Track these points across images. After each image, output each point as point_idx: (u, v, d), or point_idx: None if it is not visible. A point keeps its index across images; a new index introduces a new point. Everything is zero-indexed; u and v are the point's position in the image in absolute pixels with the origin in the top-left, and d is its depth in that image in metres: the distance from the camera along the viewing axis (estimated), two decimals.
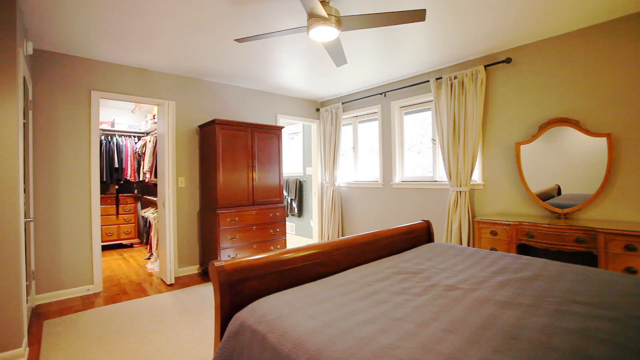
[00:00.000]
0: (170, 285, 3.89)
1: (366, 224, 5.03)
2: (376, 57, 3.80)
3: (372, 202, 4.94)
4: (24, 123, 2.74)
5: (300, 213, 6.27)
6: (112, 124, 6.02)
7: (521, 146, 3.33)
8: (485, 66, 3.57)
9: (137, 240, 6.11)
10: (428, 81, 4.14)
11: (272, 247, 4.37)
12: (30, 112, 3.29)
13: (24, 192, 2.71)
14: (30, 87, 3.28)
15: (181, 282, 3.99)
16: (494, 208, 3.60)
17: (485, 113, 3.66)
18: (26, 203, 2.81)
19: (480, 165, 3.73)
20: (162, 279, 4.08)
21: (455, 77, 3.80)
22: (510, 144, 3.48)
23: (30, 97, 3.28)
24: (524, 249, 3.20)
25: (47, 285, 3.43)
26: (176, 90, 4.26)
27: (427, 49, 3.54)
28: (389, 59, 3.84)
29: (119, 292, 3.70)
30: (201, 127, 4.32)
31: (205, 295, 3.49)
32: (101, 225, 5.73)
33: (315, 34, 2.37)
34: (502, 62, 3.43)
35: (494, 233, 3.11)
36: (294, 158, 6.55)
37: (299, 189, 6.25)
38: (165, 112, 3.84)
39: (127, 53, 3.56)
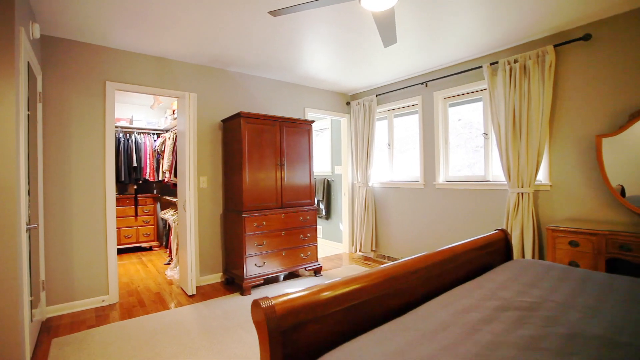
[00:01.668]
0: (192, 296, 3.51)
1: (405, 228, 4.54)
2: (417, 42, 3.32)
3: (412, 204, 4.45)
4: (27, 115, 2.39)
5: (328, 215, 5.83)
6: (131, 121, 5.73)
7: (603, 139, 2.79)
8: (555, 46, 3.03)
9: (156, 243, 5.81)
10: (480, 67, 3.62)
11: (302, 254, 3.95)
12: (40, 105, 2.97)
13: (28, 194, 2.37)
14: (39, 77, 2.96)
15: (203, 292, 3.61)
16: (565, 212, 3.06)
17: (554, 101, 3.12)
18: (31, 207, 2.47)
19: (547, 162, 3.19)
20: (182, 289, 3.72)
21: (515, 61, 3.27)
22: (587, 136, 2.93)
23: (39, 88, 2.96)
24: (612, 265, 2.66)
25: (59, 296, 3.11)
26: (197, 81, 3.88)
27: (479, 29, 3.03)
28: (432, 43, 3.35)
29: (136, 303, 3.35)
30: (224, 121, 3.93)
31: (229, 310, 3.09)
32: (119, 227, 5.46)
33: (369, 1, 1.92)
34: (579, 39, 2.89)
35: (574, 244, 2.58)
36: (321, 156, 6.11)
37: (327, 189, 5.80)
38: (186, 105, 3.47)
39: (144, 39, 3.20)
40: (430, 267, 1.46)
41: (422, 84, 4.26)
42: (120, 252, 5.61)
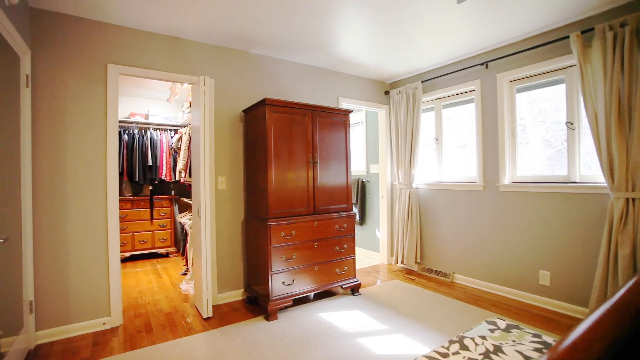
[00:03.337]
0: (207, 319, 2.94)
1: (457, 238, 3.81)
2: (476, 11, 2.62)
3: (467, 209, 3.71)
4: None
5: (362, 220, 5.16)
6: (146, 116, 5.27)
7: None
8: None
9: (173, 248, 5.32)
10: (565, 38, 2.85)
11: (337, 270, 3.30)
12: (28, 90, 2.47)
13: None
14: (27, 57, 2.46)
15: (221, 314, 3.03)
16: None
17: None
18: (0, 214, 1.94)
19: None
20: (197, 308, 3.16)
21: (622, 25, 2.50)
22: None
23: (27, 71, 2.46)
24: None
25: (52, 319, 2.60)
26: (215, 65, 3.32)
27: None
28: (497, 11, 2.64)
29: (141, 327, 2.81)
30: (246, 111, 3.35)
31: (252, 342, 2.49)
32: (134, 232, 5.00)
33: None
34: None
35: None
36: (354, 153, 5.45)
37: (361, 190, 5.14)
38: (201, 92, 2.90)
39: (153, 14, 2.65)
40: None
41: (481, 64, 3.52)
42: (135, 258, 5.16)
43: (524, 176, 3.30)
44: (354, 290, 3.44)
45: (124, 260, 5.02)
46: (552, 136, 3.17)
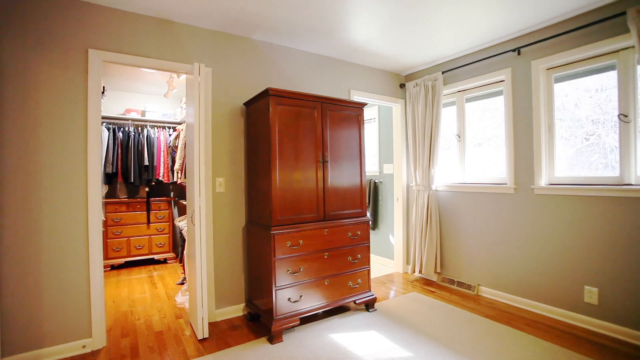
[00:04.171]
0: (203, 340, 2.57)
1: (483, 246, 3.40)
2: None
3: (495, 215, 3.30)
4: None
5: (375, 224, 4.76)
6: (143, 113, 4.94)
7: None
8: None
9: (171, 254, 4.98)
10: (619, 15, 2.43)
11: (350, 283, 2.92)
12: None
13: None
14: None
15: (218, 334, 2.67)
16: None
17: None
18: None
19: None
20: (192, 326, 2.79)
21: None
22: None
23: None
24: None
25: (21, 342, 2.25)
26: (212, 52, 2.95)
27: None
28: None
29: (127, 351, 2.44)
30: (248, 104, 2.98)
31: None
32: (129, 237, 4.66)
33: None
34: None
35: None
36: (367, 152, 5.04)
37: (374, 192, 4.74)
38: (196, 82, 2.53)
39: None
40: None
41: (513, 50, 3.11)
42: (130, 264, 4.83)
43: (564, 177, 2.89)
44: (369, 305, 3.05)
45: (118, 267, 4.69)
46: (572, 134, 2.84)
